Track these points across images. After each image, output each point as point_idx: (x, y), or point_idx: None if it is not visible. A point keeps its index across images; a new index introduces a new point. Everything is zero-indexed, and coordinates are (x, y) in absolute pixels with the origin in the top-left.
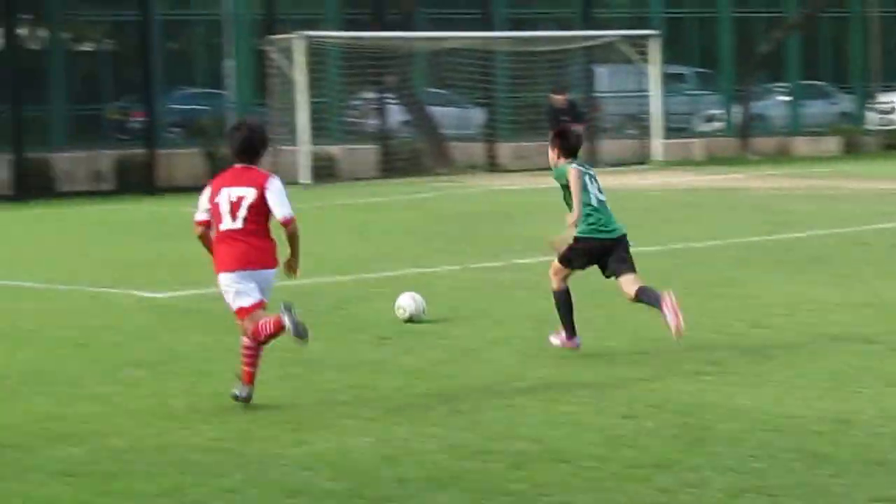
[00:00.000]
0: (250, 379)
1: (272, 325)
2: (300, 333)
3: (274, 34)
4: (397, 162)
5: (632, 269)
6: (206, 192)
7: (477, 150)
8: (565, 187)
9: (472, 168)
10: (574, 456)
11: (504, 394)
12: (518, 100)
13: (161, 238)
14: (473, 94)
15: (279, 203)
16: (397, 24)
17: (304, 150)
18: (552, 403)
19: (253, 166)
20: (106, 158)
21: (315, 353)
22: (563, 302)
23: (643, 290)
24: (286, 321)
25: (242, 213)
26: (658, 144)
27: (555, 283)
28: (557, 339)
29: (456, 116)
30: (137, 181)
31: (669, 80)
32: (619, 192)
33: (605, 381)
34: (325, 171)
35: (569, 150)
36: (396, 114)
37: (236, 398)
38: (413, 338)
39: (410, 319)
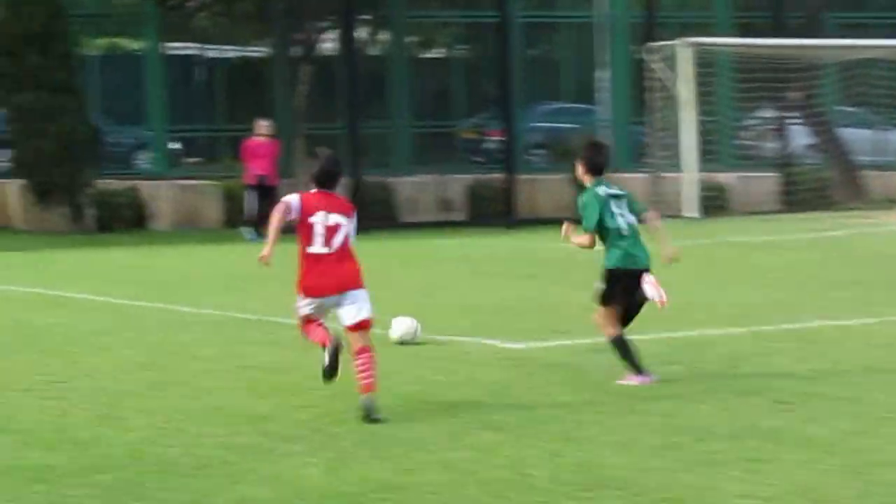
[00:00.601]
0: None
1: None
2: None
3: (655, 40)
4: (800, 193)
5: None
6: (297, 199)
7: None
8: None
9: (890, 202)
10: None
11: None
12: None
13: (521, 278)
14: (893, 114)
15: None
16: (801, 29)
17: (689, 177)
18: None
19: (334, 193)
20: (457, 184)
21: (702, 418)
22: (620, 347)
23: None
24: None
25: (338, 239)
26: None
27: (607, 331)
28: (630, 380)
29: (872, 140)
30: (494, 211)
31: None
32: None
33: None
34: (714, 203)
35: (594, 165)
36: (800, 136)
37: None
38: (819, 403)
39: (402, 341)
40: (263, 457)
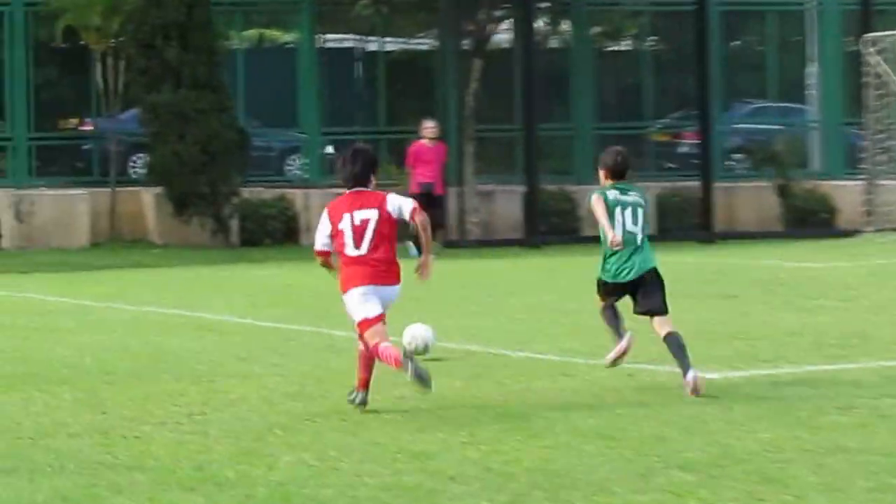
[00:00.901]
0: (365, 384)
1: (392, 362)
2: (422, 378)
3: (872, 31)
4: None
5: (662, 311)
6: (325, 220)
7: None
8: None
9: None
10: None
11: None
12: None
13: (719, 299)
14: None
15: (403, 201)
16: None
17: None
18: None
19: (367, 189)
20: (647, 193)
21: None
22: (609, 316)
23: (674, 340)
24: (408, 369)
25: (368, 237)
26: None
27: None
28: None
29: None
30: (688, 223)
31: None
32: None
33: None
34: None
35: (612, 169)
36: None
37: (352, 403)
38: None
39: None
40: (428, 498)
